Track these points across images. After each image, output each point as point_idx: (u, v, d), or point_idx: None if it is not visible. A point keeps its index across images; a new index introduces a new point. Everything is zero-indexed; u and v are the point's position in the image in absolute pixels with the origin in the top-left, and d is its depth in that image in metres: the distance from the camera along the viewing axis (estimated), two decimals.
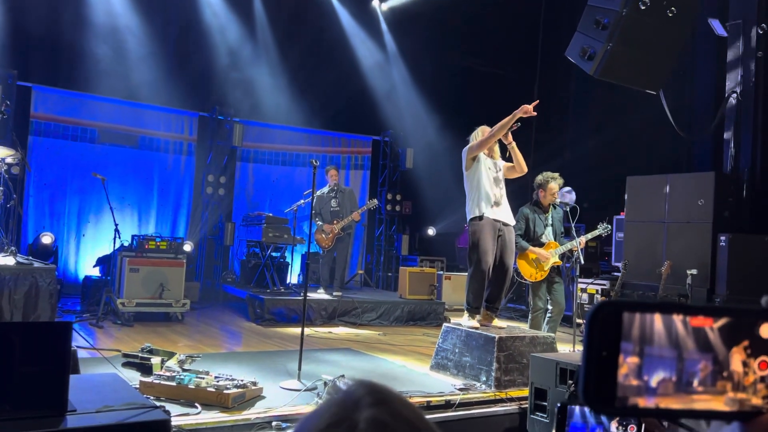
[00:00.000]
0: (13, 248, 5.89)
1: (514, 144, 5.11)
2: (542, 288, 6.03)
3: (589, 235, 6.30)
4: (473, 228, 5.14)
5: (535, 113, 4.92)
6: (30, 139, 8.83)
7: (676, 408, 0.54)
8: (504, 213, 5.18)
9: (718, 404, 0.54)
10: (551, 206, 6.16)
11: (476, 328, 5.09)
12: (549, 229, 6.11)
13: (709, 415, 0.55)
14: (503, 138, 5.10)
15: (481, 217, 5.09)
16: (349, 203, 8.50)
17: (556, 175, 6.12)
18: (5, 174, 6.33)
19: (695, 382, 0.55)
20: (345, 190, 8.66)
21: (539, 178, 6.15)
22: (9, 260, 5.56)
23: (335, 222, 8.32)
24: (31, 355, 2.19)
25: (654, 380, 0.54)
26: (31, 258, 6.43)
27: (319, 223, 8.31)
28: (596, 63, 6.45)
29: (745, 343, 0.55)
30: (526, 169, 5.21)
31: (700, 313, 0.56)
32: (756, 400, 0.54)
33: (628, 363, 0.54)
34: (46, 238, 8.15)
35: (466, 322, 5.22)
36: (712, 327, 0.55)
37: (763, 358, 0.55)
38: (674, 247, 7.75)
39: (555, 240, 6.11)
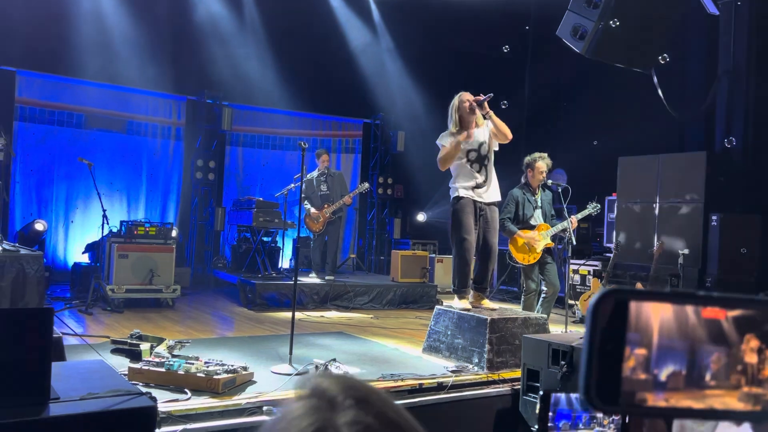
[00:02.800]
0: None
1: (491, 113, 5.00)
2: (534, 270, 6.02)
3: (579, 215, 6.28)
4: (453, 208, 5.16)
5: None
6: (15, 125, 8.70)
7: (688, 406, 0.50)
8: (487, 193, 5.12)
9: (732, 400, 0.50)
10: (540, 188, 6.13)
11: (468, 310, 5.08)
12: (538, 212, 6.08)
13: (723, 416, 0.51)
14: (480, 112, 5.03)
15: (459, 198, 5.10)
16: (339, 187, 8.44)
17: (545, 154, 6.08)
18: None
19: (707, 376, 0.50)
20: (335, 173, 8.60)
21: (527, 158, 6.11)
22: None
23: (326, 206, 8.26)
24: (11, 342, 2.14)
25: (663, 374, 0.50)
26: (17, 245, 6.35)
27: (308, 207, 8.25)
28: (587, 42, 6.39)
29: (762, 335, 0.51)
30: (510, 135, 5.06)
31: (714, 303, 0.51)
32: None
33: (635, 355, 0.50)
34: (39, 225, 8.07)
35: (457, 304, 5.20)
36: (726, 318, 0.51)
37: None
38: (666, 228, 7.75)
39: (545, 222, 6.08)
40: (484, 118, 5.05)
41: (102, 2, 8.75)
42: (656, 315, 0.50)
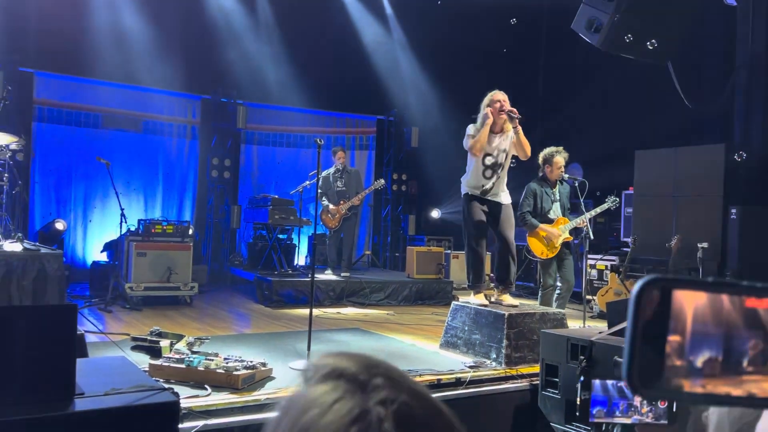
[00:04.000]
0: (20, 234, 5.88)
1: (519, 129, 5.01)
2: (552, 265, 5.99)
3: (598, 209, 6.24)
4: (463, 204, 5.21)
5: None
6: (34, 126, 8.79)
7: (726, 393, 0.50)
8: (493, 197, 5.13)
9: None
10: (558, 182, 6.09)
11: (485, 306, 5.07)
12: (557, 205, 6.05)
13: (763, 403, 0.51)
14: (501, 119, 5.02)
15: (466, 194, 5.17)
16: (355, 183, 8.45)
17: (561, 148, 6.05)
18: (10, 161, 6.31)
19: (745, 363, 0.50)
20: (351, 171, 8.61)
21: (544, 153, 6.08)
22: (16, 247, 5.55)
23: (342, 202, 8.28)
24: (37, 338, 2.17)
25: (699, 360, 0.50)
26: (38, 244, 6.42)
27: (325, 203, 8.28)
28: (603, 35, 6.34)
29: None
30: (529, 154, 5.10)
31: (755, 293, 0.51)
32: None
33: (670, 342, 0.50)
34: (59, 225, 8.16)
35: (473, 300, 5.21)
36: (764, 306, 0.50)
37: None
38: (684, 221, 7.67)
39: (563, 215, 6.05)
40: (513, 127, 5.03)
41: (118, 3, 8.81)
42: (690, 302, 0.50)
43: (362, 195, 8.39)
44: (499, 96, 5.05)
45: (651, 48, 6.28)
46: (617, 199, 6.30)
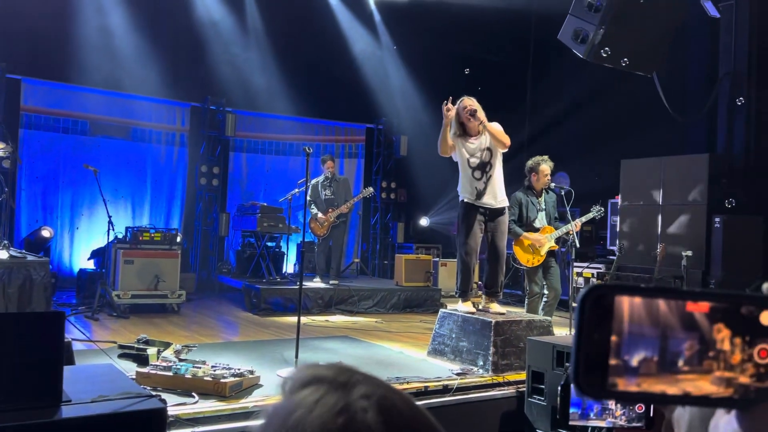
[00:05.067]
0: (6, 242, 5.86)
1: (485, 122, 5.04)
2: (538, 273, 6.04)
3: (584, 218, 6.31)
4: (459, 210, 5.29)
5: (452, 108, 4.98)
6: (21, 132, 8.76)
7: (661, 391, 0.53)
8: (490, 200, 5.17)
9: (705, 384, 0.53)
10: (544, 190, 6.15)
11: (471, 313, 5.11)
12: (542, 214, 6.11)
13: (697, 401, 0.54)
14: (473, 123, 5.06)
15: (463, 202, 5.23)
16: (344, 192, 8.47)
17: (546, 157, 6.12)
18: None
19: (680, 362, 0.53)
20: (340, 179, 8.63)
21: (529, 162, 6.15)
22: (2, 254, 5.53)
23: (330, 210, 8.30)
24: (24, 345, 2.17)
25: (634, 360, 0.53)
26: (24, 252, 6.39)
27: (314, 211, 8.29)
28: (589, 46, 6.42)
29: (733, 324, 0.54)
30: (507, 142, 5.09)
31: (696, 297, 0.54)
32: (744, 379, 0.53)
33: (611, 344, 0.53)
34: (46, 232, 8.12)
35: (461, 307, 5.24)
36: (705, 311, 0.54)
37: (763, 345, 0.53)
38: (669, 230, 7.76)
39: (549, 224, 6.11)
40: (478, 124, 5.07)
41: (106, 10, 8.81)
42: (628, 306, 0.53)
43: (351, 203, 8.41)
44: (466, 102, 5.12)
45: (624, 65, 6.38)
46: (602, 208, 6.38)
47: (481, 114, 5.04)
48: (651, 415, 1.18)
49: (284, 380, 0.61)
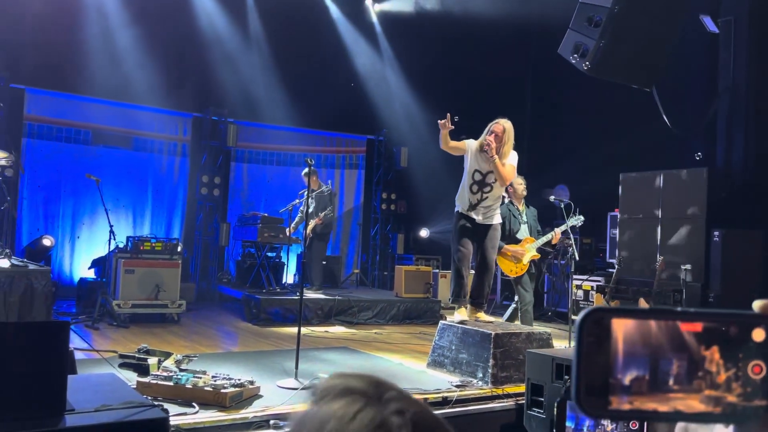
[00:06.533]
0: (7, 251, 5.88)
1: (495, 158, 5.17)
2: (524, 281, 6.24)
3: (563, 227, 6.41)
4: (453, 220, 5.42)
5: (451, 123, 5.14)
6: (23, 141, 8.80)
7: (653, 409, 0.55)
8: (478, 215, 5.29)
9: (695, 402, 0.55)
10: (525, 205, 6.43)
11: (463, 322, 5.18)
12: (524, 226, 6.39)
13: (687, 418, 0.56)
14: (487, 150, 5.15)
15: (456, 211, 5.38)
16: (323, 205, 8.50)
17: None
18: None
19: (671, 381, 0.55)
20: (325, 191, 8.63)
21: None
22: (4, 263, 5.55)
23: (308, 224, 8.35)
24: (28, 354, 2.19)
25: (627, 379, 0.55)
26: (25, 260, 6.41)
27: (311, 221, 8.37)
28: (589, 60, 6.47)
29: (721, 344, 0.56)
30: (506, 184, 5.36)
31: (690, 318, 0.57)
32: (731, 398, 0.55)
33: (607, 365, 0.56)
34: (47, 241, 8.14)
35: (456, 315, 5.40)
36: (699, 330, 0.56)
37: (756, 361, 0.56)
38: (668, 243, 7.79)
39: (531, 236, 6.35)
40: (490, 158, 5.18)
41: (110, 21, 8.88)
42: (623, 328, 0.56)
43: (319, 218, 8.42)
44: (495, 128, 5.24)
45: (624, 79, 6.48)
46: (581, 216, 6.49)
47: (494, 147, 5.13)
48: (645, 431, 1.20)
49: (314, 388, 0.62)
